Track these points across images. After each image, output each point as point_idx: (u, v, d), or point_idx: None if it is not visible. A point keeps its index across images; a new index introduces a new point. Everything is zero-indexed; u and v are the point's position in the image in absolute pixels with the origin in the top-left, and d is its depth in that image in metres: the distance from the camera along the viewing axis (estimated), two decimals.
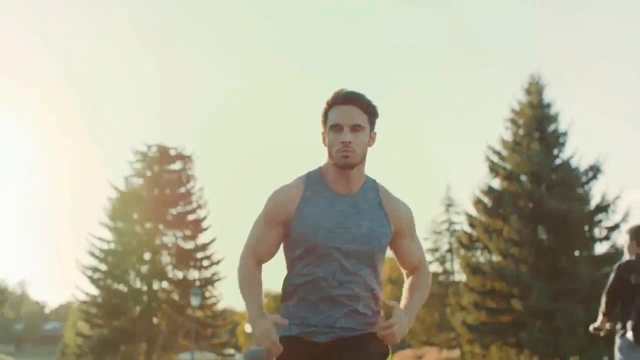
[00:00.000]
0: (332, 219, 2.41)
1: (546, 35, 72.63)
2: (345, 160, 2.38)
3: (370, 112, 2.43)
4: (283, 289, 2.52)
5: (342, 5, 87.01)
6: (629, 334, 4.90)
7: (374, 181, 2.53)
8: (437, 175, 77.35)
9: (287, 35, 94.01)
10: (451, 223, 38.77)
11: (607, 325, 5.13)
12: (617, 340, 5.05)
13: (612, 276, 5.12)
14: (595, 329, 5.19)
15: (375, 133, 2.49)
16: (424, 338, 38.71)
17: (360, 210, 2.44)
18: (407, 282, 2.64)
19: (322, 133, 2.47)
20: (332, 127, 2.41)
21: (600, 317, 5.15)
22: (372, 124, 2.45)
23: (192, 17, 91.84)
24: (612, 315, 5.14)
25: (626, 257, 5.18)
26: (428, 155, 76.44)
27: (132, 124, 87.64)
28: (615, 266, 5.17)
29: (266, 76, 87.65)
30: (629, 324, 4.89)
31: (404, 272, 2.65)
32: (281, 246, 2.53)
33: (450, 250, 38.36)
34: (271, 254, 2.51)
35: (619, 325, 5.05)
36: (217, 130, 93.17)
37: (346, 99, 2.41)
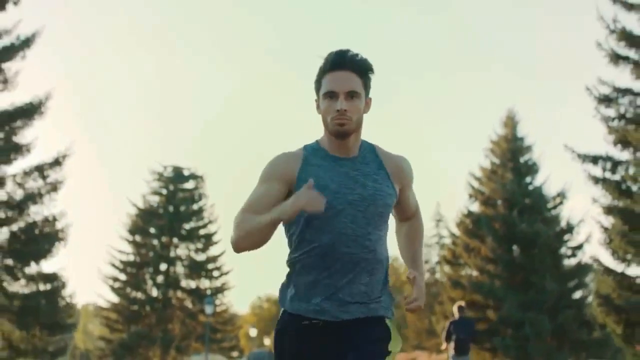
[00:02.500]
0: (337, 180, 2.25)
1: (546, 36, 74.41)
2: (341, 129, 2.22)
3: (366, 76, 2.27)
4: (288, 264, 2.34)
5: (342, 8, 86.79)
6: (451, 352, 11.24)
7: (371, 143, 2.38)
8: (435, 179, 78.51)
9: (287, 38, 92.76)
10: (440, 237, 41.41)
11: (448, 348, 11.44)
12: (449, 354, 11.47)
13: (446, 325, 11.43)
14: (442, 349, 10.68)
15: (370, 99, 2.32)
16: (415, 342, 40.66)
17: (364, 172, 2.28)
18: (402, 229, 2.57)
19: (316, 100, 2.31)
20: (326, 94, 2.24)
21: (444, 344, 11.46)
22: (367, 88, 2.29)
23: (192, 18, 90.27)
24: (448, 343, 11.49)
25: (455, 317, 11.44)
26: (427, 158, 77.46)
27: (131, 125, 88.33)
28: (447, 322, 11.59)
29: (266, 79, 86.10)
30: (452, 346, 11.38)
31: (395, 219, 2.57)
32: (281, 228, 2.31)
33: (439, 262, 40.88)
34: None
35: (450, 346, 11.42)
36: (217, 134, 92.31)
37: (341, 64, 2.23)
